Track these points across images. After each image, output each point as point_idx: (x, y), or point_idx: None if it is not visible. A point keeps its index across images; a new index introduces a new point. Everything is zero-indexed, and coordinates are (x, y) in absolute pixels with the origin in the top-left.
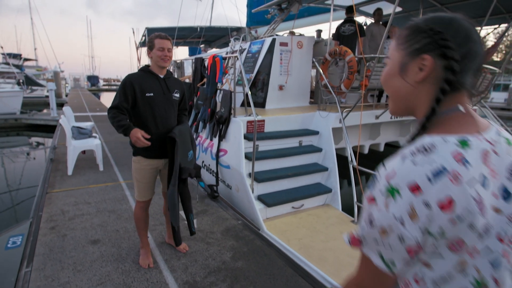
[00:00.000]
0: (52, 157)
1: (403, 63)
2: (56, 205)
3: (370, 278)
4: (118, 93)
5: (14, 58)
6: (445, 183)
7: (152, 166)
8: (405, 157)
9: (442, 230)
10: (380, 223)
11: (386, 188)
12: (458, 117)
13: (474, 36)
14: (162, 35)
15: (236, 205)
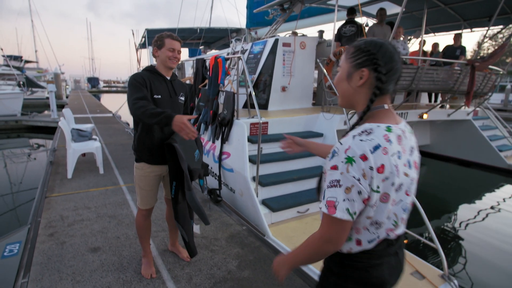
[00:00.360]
0: (52, 160)
1: (349, 72)
2: (55, 210)
3: (338, 231)
4: (136, 87)
5: (15, 60)
6: (380, 154)
7: (156, 172)
8: (354, 136)
9: (378, 186)
10: (345, 183)
11: (345, 158)
12: (384, 112)
13: (395, 57)
14: (174, 35)
15: (240, 209)
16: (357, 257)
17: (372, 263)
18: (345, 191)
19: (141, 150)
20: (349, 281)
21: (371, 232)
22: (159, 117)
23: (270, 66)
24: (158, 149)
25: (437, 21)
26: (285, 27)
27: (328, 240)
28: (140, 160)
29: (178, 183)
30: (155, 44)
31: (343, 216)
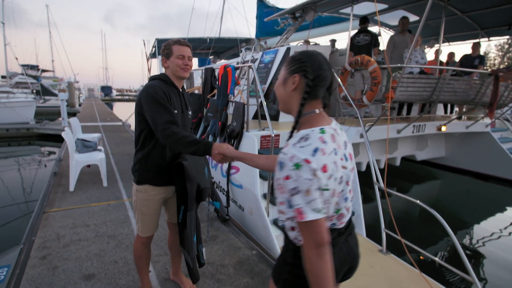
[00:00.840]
0: (56, 171)
1: (285, 78)
2: (52, 228)
3: (318, 231)
4: (163, 106)
5: (31, 69)
6: (320, 156)
7: (161, 195)
8: (294, 145)
9: (327, 184)
10: (302, 187)
11: (293, 166)
12: (316, 117)
13: (324, 66)
14: (181, 41)
15: (249, 229)
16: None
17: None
18: (305, 194)
19: (146, 170)
20: (302, 270)
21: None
22: (196, 146)
23: None
24: (167, 168)
25: (452, 30)
26: (295, 36)
27: (317, 245)
28: (143, 182)
29: (187, 206)
30: (162, 53)
31: (314, 217)
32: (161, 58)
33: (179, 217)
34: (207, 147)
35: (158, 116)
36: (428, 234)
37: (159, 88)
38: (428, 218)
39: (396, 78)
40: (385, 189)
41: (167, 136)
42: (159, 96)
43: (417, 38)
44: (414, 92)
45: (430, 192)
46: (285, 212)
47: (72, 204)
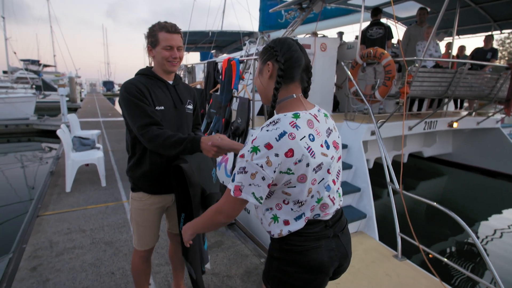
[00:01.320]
0: (53, 170)
1: (260, 69)
2: (45, 234)
3: (235, 208)
4: (137, 107)
5: (32, 64)
6: (286, 140)
7: (158, 204)
8: (262, 128)
9: (290, 169)
10: (250, 170)
11: (251, 148)
12: (292, 101)
13: (294, 47)
14: (168, 26)
15: (256, 233)
16: (293, 240)
17: (309, 246)
18: (250, 177)
19: (138, 177)
20: (289, 265)
21: (294, 210)
22: (181, 145)
23: None
24: (163, 174)
25: (463, 22)
26: (301, 30)
27: (221, 212)
28: (138, 188)
29: (188, 214)
30: (148, 41)
31: (248, 198)
32: (146, 46)
33: (179, 226)
34: (194, 142)
35: (134, 120)
36: (441, 236)
37: (134, 86)
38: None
39: (412, 72)
40: (401, 191)
41: (148, 141)
42: (133, 96)
43: (435, 30)
44: (429, 87)
45: (437, 189)
46: (228, 182)
47: (68, 206)
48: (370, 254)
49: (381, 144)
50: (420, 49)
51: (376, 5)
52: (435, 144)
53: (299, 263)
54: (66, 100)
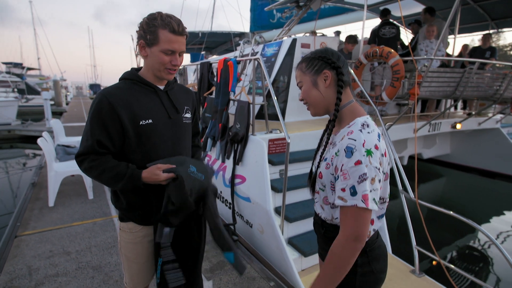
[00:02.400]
0: (35, 181)
1: (313, 80)
2: (23, 258)
3: (363, 224)
4: (90, 126)
5: (15, 67)
6: (382, 142)
7: (152, 236)
8: (361, 130)
9: (385, 168)
10: (370, 174)
11: (365, 151)
12: (357, 106)
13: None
14: (174, 24)
15: (260, 250)
16: (372, 237)
17: (379, 238)
18: (370, 182)
19: (126, 207)
20: (372, 264)
21: (380, 208)
22: (119, 183)
23: (287, 70)
24: (157, 200)
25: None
26: (296, 29)
27: (356, 238)
28: (126, 218)
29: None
30: (143, 36)
31: (373, 207)
32: (138, 42)
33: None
34: (134, 179)
35: (81, 143)
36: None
37: (107, 100)
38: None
39: (422, 72)
40: (417, 200)
41: (84, 172)
42: (98, 111)
43: (447, 27)
44: (437, 87)
45: (436, 191)
46: (346, 200)
47: (50, 223)
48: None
49: (391, 149)
50: (422, 48)
51: (375, 3)
52: (435, 146)
53: (379, 256)
54: (50, 104)
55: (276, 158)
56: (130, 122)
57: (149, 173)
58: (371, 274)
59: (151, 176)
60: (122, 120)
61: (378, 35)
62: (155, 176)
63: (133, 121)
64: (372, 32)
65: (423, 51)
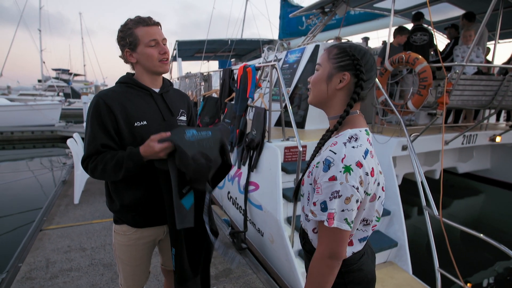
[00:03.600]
0: (66, 179)
1: (331, 74)
2: (44, 251)
3: (338, 242)
4: (91, 129)
5: (63, 73)
6: (369, 159)
7: (148, 238)
8: (345, 144)
9: (371, 189)
10: (344, 194)
11: (343, 168)
12: (358, 117)
13: (374, 67)
14: (144, 18)
15: (269, 259)
16: (351, 259)
17: (362, 261)
18: (344, 201)
19: (119, 209)
20: (348, 286)
21: (360, 230)
22: (122, 168)
23: (309, 77)
24: (152, 202)
25: (504, 25)
26: (322, 36)
27: (330, 255)
28: (121, 221)
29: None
30: (124, 44)
31: (341, 226)
32: (124, 52)
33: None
34: (133, 157)
35: (84, 147)
36: (483, 268)
37: (103, 102)
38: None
39: (452, 79)
40: (441, 218)
41: (92, 175)
42: (97, 113)
43: (480, 33)
44: (471, 96)
45: (473, 209)
46: (316, 215)
47: (73, 220)
48: None
49: (415, 161)
50: (458, 54)
51: (406, 8)
52: (471, 159)
53: (358, 280)
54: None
55: (291, 166)
56: (125, 123)
57: (144, 146)
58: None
59: (147, 149)
60: (118, 121)
61: (408, 42)
62: (149, 148)
63: (128, 122)
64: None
65: (459, 57)
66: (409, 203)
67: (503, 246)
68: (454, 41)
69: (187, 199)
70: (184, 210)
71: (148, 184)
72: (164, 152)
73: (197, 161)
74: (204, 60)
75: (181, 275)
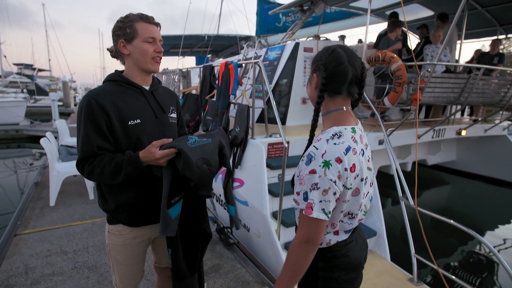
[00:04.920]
0: (38, 180)
1: (310, 78)
2: (21, 256)
3: (315, 230)
4: (85, 131)
5: (26, 68)
6: (351, 155)
7: (143, 237)
8: (328, 140)
9: (351, 183)
10: (322, 186)
11: (322, 162)
12: (344, 114)
13: (342, 60)
14: (147, 15)
15: (257, 254)
16: (336, 246)
17: (349, 247)
18: (322, 193)
19: (114, 209)
20: (335, 271)
21: (345, 222)
22: (121, 172)
23: (289, 74)
24: (147, 200)
25: (468, 26)
26: (301, 33)
27: (307, 240)
28: (115, 220)
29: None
30: (119, 34)
31: (319, 216)
32: (117, 41)
33: (170, 261)
34: (132, 162)
35: (78, 148)
36: (455, 252)
37: (95, 101)
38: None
39: (425, 77)
40: (416, 207)
41: (88, 177)
42: (90, 112)
43: (450, 32)
44: (441, 93)
45: (441, 198)
46: (299, 203)
47: (50, 223)
48: (383, 278)
49: (391, 155)
50: (428, 53)
51: (379, 7)
52: (439, 152)
53: (344, 265)
54: (59, 105)
55: (275, 162)
56: (119, 122)
57: (145, 152)
58: (334, 281)
59: (147, 155)
60: (111, 120)
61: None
62: (150, 154)
63: (121, 122)
64: (378, 37)
65: (428, 56)
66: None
67: (471, 230)
68: (424, 40)
69: (174, 209)
70: (169, 220)
71: (144, 183)
72: (165, 159)
73: (200, 167)
74: (181, 55)
75: (177, 273)
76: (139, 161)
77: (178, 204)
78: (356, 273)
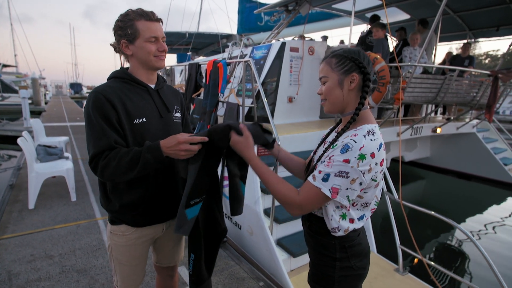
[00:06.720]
0: (13, 183)
1: (340, 80)
2: (2, 263)
3: (314, 203)
4: (98, 124)
5: None
6: (382, 151)
7: (147, 237)
8: (365, 136)
9: (377, 176)
10: (352, 175)
11: (358, 155)
12: (369, 113)
13: (370, 62)
14: (148, 12)
15: (249, 251)
16: (351, 236)
17: (362, 236)
18: (350, 182)
19: (118, 209)
20: (351, 260)
21: (359, 210)
22: (139, 161)
23: (276, 73)
24: (152, 200)
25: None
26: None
27: (302, 209)
28: (118, 221)
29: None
30: (121, 34)
31: (342, 201)
32: (119, 42)
33: (189, 266)
34: (152, 150)
35: (90, 145)
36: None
37: (103, 97)
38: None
39: (406, 78)
40: (401, 201)
41: (101, 174)
42: (101, 107)
43: (430, 35)
44: (420, 93)
45: (417, 192)
46: (316, 179)
47: (31, 227)
48: (370, 269)
49: None
50: (406, 54)
51: (360, 10)
52: (416, 149)
53: (359, 253)
54: (28, 103)
55: (266, 160)
56: (126, 119)
57: (167, 139)
58: (351, 269)
59: (169, 140)
60: (120, 117)
61: (365, 42)
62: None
63: (128, 119)
64: (360, 38)
65: (407, 58)
66: None
67: (451, 220)
68: (402, 42)
69: (191, 210)
70: (184, 220)
71: (149, 183)
72: (187, 148)
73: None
74: None
75: (198, 278)
76: (159, 149)
77: (197, 206)
78: (367, 259)
